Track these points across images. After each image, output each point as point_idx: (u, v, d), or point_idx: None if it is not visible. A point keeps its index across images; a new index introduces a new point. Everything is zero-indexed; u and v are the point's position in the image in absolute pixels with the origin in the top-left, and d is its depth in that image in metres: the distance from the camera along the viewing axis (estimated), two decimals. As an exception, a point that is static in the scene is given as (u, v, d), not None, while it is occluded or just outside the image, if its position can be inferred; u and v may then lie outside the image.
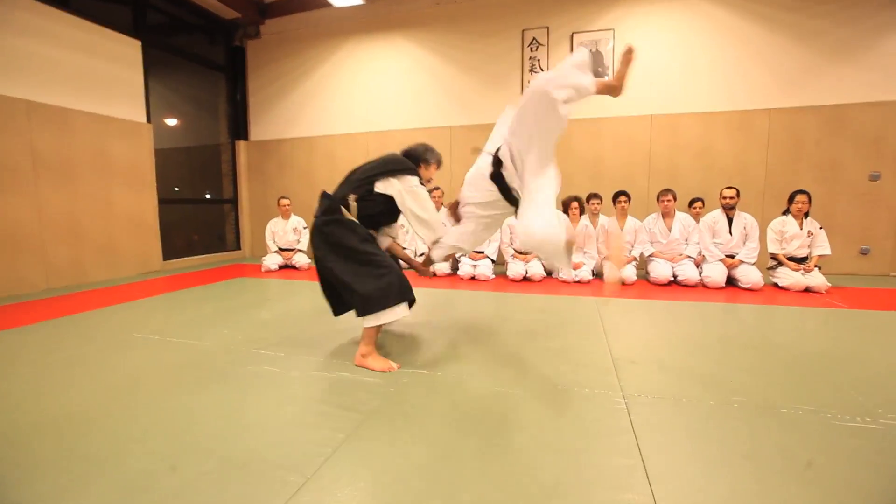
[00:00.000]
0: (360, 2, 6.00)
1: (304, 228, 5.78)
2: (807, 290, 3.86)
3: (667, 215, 4.56)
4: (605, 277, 4.15)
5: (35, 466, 1.35)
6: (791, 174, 4.92)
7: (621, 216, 4.69)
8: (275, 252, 5.68)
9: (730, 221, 4.33)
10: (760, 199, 5.01)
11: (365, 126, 6.44)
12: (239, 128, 7.06)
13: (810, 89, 4.86)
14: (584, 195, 4.95)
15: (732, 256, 4.25)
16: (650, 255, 4.54)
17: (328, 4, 6.19)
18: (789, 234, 4.07)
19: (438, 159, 2.49)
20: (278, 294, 4.17)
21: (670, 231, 4.51)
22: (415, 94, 6.24)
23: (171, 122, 6.37)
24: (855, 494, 1.19)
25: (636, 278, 4.43)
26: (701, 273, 4.25)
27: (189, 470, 1.31)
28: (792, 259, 4.06)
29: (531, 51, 5.80)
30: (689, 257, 4.39)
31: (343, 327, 2.69)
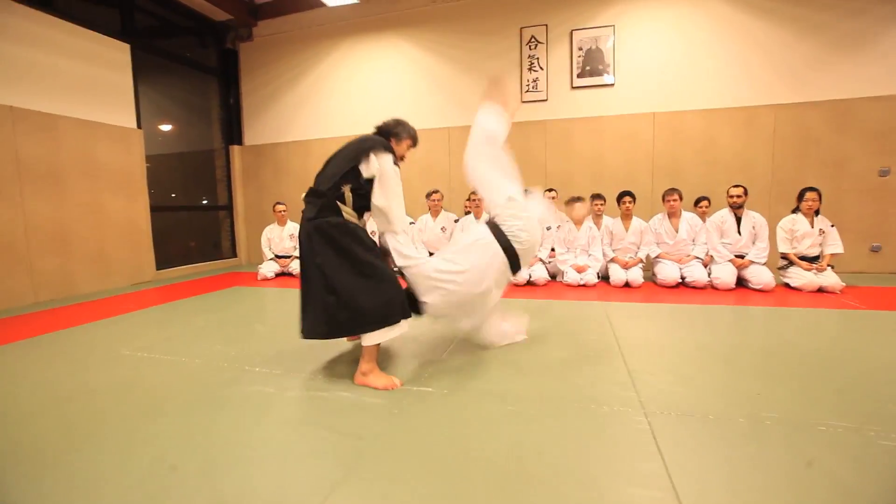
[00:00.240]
0: (354, 0, 5.87)
1: (301, 234, 5.62)
2: (820, 290, 3.74)
3: (673, 215, 4.44)
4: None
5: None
6: (798, 171, 4.81)
7: (626, 217, 4.57)
8: (271, 259, 5.54)
9: (738, 221, 4.21)
10: (767, 196, 4.90)
11: (361, 129, 6.14)
12: (233, 132, 6.91)
13: (816, 84, 4.76)
14: (586, 195, 4.84)
15: (741, 257, 4.13)
16: (656, 257, 4.42)
17: (322, 4, 6.06)
18: (800, 232, 3.95)
19: (412, 134, 2.28)
20: (274, 303, 4.03)
21: (677, 231, 4.39)
22: (412, 94, 6.11)
23: (162, 127, 6.22)
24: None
25: (643, 280, 4.30)
26: (710, 274, 4.13)
27: (172, 514, 1.18)
28: (803, 258, 3.94)
29: (530, 49, 5.68)
30: (697, 258, 4.27)
31: (341, 340, 2.56)
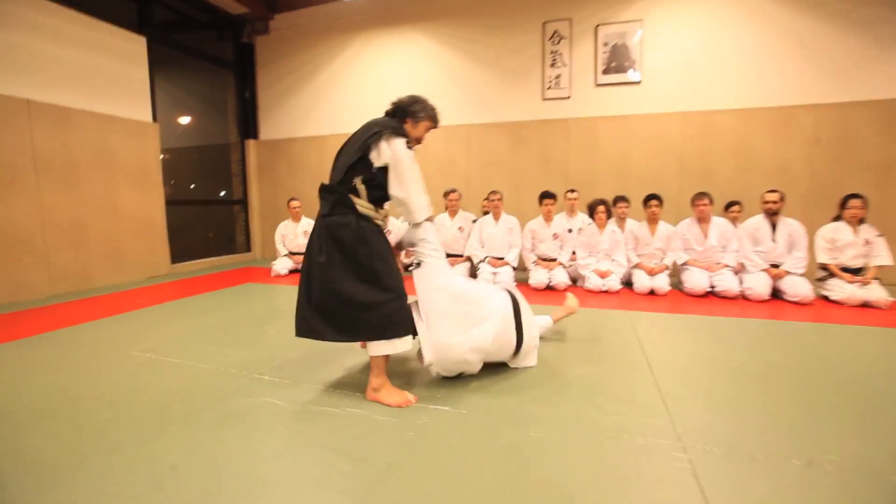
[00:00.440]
0: (372, -6, 5.74)
1: (315, 231, 5.56)
2: (864, 304, 3.49)
3: (703, 220, 4.20)
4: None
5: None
6: (839, 175, 4.52)
7: (652, 221, 4.36)
8: (285, 256, 5.48)
9: (773, 228, 3.97)
10: (804, 202, 4.62)
11: None
12: (248, 127, 6.86)
13: (862, 82, 4.45)
14: (610, 197, 4.64)
15: (776, 266, 3.89)
16: (684, 264, 4.20)
17: (339, -2, 5.95)
18: (842, 242, 3.69)
19: (431, 115, 2.00)
20: (286, 302, 3.94)
21: (706, 237, 4.16)
22: (429, 90, 5.84)
23: (178, 120, 6.21)
24: None
25: (669, 287, 4.10)
26: (741, 284, 3.90)
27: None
28: (846, 270, 3.68)
29: (553, 44, 5.47)
30: (728, 266, 4.04)
31: (353, 345, 2.44)
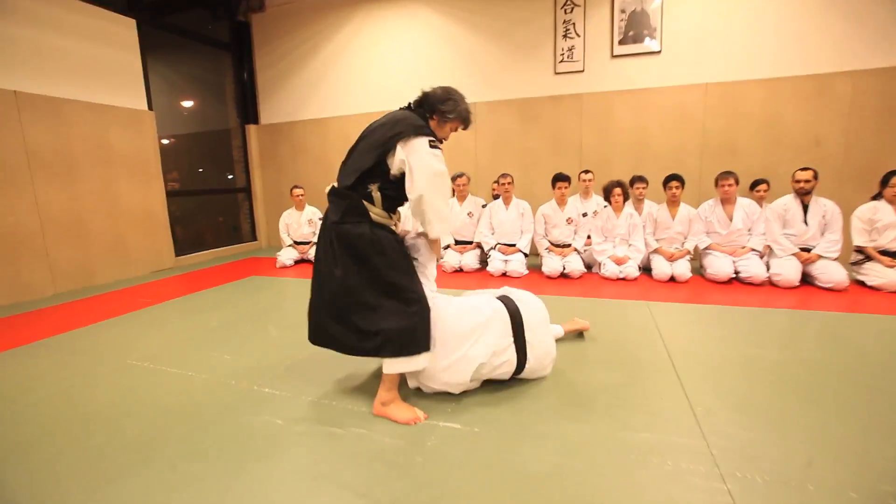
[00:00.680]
0: (371, -36, 5.38)
1: (320, 220, 5.38)
2: (904, 291, 3.26)
3: (727, 202, 3.95)
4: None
5: None
6: (878, 150, 4.19)
7: (672, 203, 4.11)
8: (289, 246, 5.35)
9: (805, 209, 3.70)
10: (838, 179, 4.31)
11: (380, 104, 5.89)
12: (248, 111, 6.63)
13: (906, 46, 4.07)
14: (626, 178, 4.39)
15: (807, 250, 3.65)
16: (706, 248, 3.98)
17: (337, -31, 5.60)
18: (882, 223, 3.43)
19: (462, 115, 1.75)
20: (291, 297, 3.83)
21: (731, 220, 3.91)
22: (434, 66, 5.64)
23: (175, 107, 6.00)
24: None
25: (691, 274, 3.89)
26: (769, 269, 3.68)
27: None
28: (884, 253, 3.43)
29: (565, 13, 5.10)
30: (754, 250, 3.81)
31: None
